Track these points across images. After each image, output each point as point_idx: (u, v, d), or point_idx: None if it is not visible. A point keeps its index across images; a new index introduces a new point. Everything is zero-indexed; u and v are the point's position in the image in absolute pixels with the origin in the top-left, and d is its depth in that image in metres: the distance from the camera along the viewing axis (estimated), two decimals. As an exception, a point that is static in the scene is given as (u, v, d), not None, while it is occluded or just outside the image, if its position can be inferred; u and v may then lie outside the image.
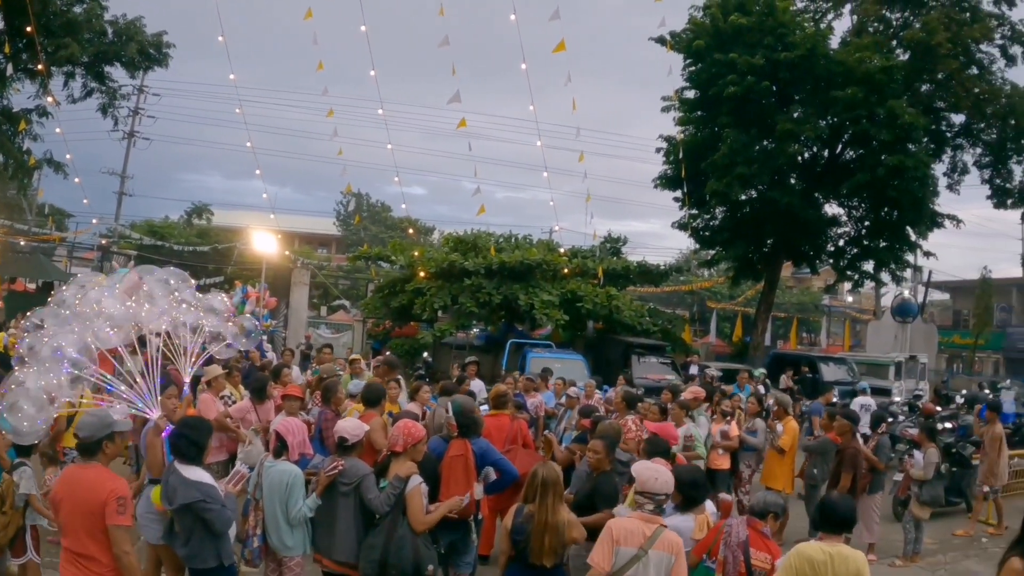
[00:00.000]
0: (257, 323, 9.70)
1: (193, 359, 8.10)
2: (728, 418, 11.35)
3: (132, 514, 5.02)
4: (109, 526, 4.80)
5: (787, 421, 11.12)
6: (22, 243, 34.15)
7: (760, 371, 20.68)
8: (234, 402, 10.09)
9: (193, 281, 8.56)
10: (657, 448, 6.94)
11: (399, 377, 11.33)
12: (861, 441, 10.83)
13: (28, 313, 7.46)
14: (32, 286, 33.72)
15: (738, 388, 16.62)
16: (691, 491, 6.08)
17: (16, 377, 6.69)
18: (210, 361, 9.21)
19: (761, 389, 17.47)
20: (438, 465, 6.83)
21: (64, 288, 7.90)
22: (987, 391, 26.25)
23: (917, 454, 10.98)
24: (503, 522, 5.87)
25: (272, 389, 10.18)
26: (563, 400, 12.98)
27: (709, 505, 6.28)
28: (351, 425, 6.45)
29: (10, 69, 26.64)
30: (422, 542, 5.99)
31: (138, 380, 7.11)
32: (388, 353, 17.37)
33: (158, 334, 7.52)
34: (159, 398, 7.33)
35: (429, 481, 6.32)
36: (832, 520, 5.09)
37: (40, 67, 24.85)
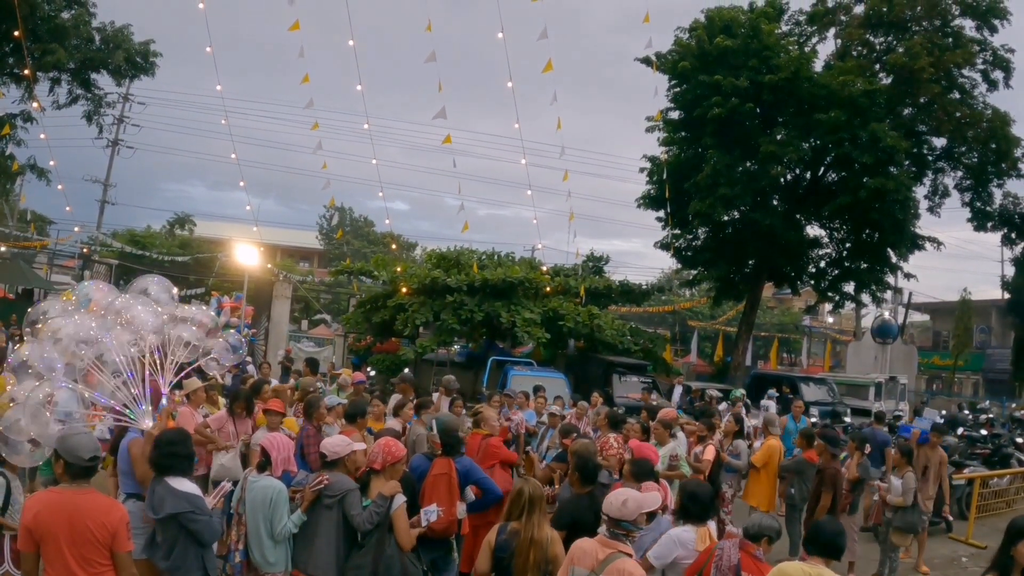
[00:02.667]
0: (241, 339, 9.60)
1: (174, 373, 8.02)
2: (705, 441, 11.24)
3: None
4: (120, 553, 4.73)
5: (768, 439, 11.10)
6: (3, 249, 33.90)
7: (740, 391, 20.59)
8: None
9: (176, 290, 8.51)
10: (642, 470, 6.89)
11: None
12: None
13: (38, 325, 7.30)
14: (12, 293, 33.47)
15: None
16: (687, 502, 6.06)
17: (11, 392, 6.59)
18: (189, 375, 9.12)
19: (742, 410, 17.34)
20: (420, 483, 6.80)
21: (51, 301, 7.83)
22: (967, 412, 26.41)
23: (894, 480, 10.86)
24: (485, 539, 5.79)
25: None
26: (544, 418, 12.94)
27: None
28: (331, 442, 6.42)
29: (-4, 73, 26.63)
30: (410, 560, 5.99)
31: (131, 391, 7.06)
32: (407, 372, 17.36)
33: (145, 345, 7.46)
34: (150, 408, 7.28)
35: (409, 499, 6.30)
36: (820, 544, 5.07)
37: (26, 72, 24.78)
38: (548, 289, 25.77)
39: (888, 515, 10.82)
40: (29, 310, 7.86)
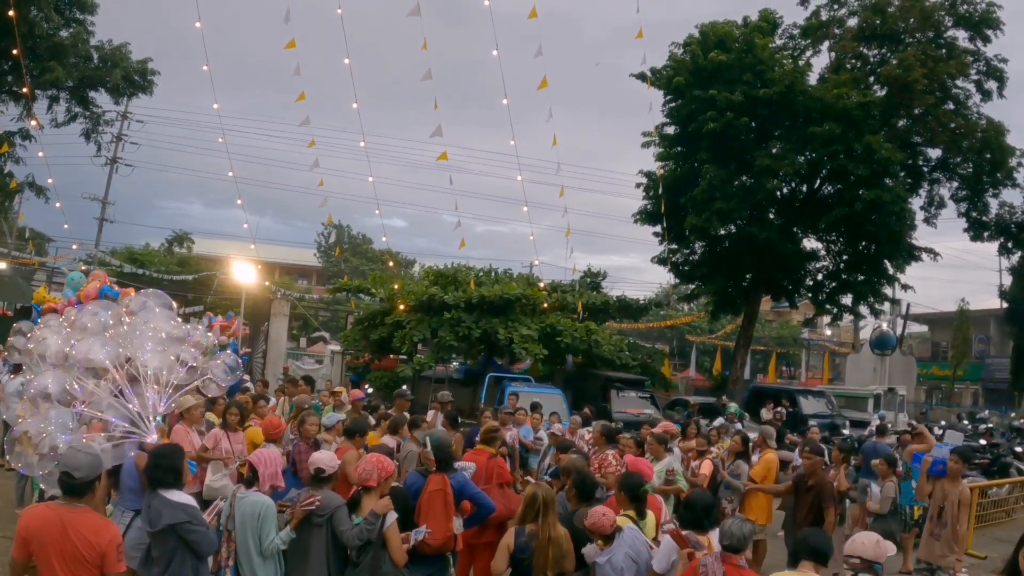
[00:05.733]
0: (238, 360, 9.59)
1: (170, 391, 8.03)
2: (703, 456, 11.19)
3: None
4: (109, 575, 4.73)
5: (765, 453, 11.07)
6: (1, 266, 33.84)
7: (733, 406, 20.23)
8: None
9: (175, 305, 8.55)
10: (629, 483, 6.91)
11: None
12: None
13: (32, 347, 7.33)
14: (10, 311, 33.40)
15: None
16: (684, 510, 6.39)
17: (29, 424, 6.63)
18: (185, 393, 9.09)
19: (738, 426, 17.22)
20: (415, 500, 6.81)
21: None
22: (965, 422, 26.35)
23: (874, 487, 10.86)
24: (503, 542, 6.16)
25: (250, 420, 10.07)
26: (541, 435, 12.94)
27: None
28: (327, 457, 6.42)
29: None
30: (404, 577, 6.04)
31: (136, 404, 7.09)
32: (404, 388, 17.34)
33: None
34: (155, 422, 7.31)
35: (405, 515, 6.30)
36: (807, 551, 5.12)
37: (25, 90, 24.85)
38: (545, 305, 25.75)
39: (868, 521, 10.81)
40: (15, 326, 7.85)
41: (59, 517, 4.73)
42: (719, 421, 17.88)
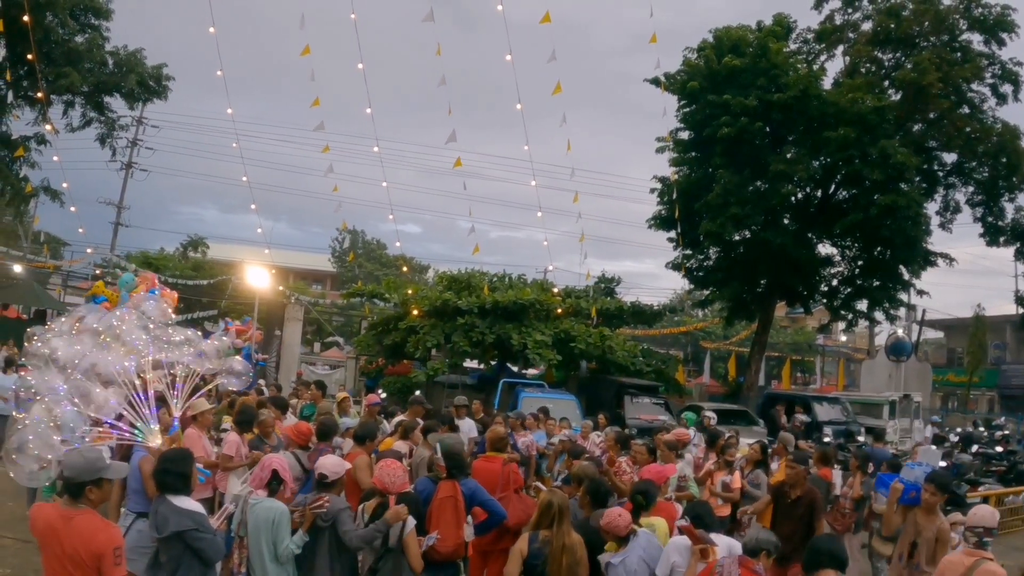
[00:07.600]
0: (249, 365, 9.61)
1: (184, 396, 8.04)
2: (731, 468, 11.09)
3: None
4: None
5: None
6: (18, 270, 34.01)
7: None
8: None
9: (173, 315, 8.56)
10: (640, 490, 6.87)
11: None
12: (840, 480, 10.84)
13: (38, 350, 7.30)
14: (25, 314, 33.57)
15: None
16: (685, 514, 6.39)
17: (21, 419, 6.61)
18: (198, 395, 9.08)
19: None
20: (426, 506, 6.80)
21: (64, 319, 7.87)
22: (982, 429, 26.11)
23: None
24: (516, 548, 6.16)
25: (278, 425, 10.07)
26: (554, 441, 12.91)
27: (731, 544, 6.20)
28: (332, 463, 6.41)
29: (10, 96, 26.89)
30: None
31: (140, 409, 7.10)
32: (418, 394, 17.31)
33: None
34: (157, 427, 7.31)
35: (416, 522, 6.30)
36: (825, 559, 5.10)
37: (40, 95, 25.01)
38: (559, 311, 25.76)
39: (875, 524, 10.70)
40: (28, 331, 7.83)
41: (60, 517, 4.76)
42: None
